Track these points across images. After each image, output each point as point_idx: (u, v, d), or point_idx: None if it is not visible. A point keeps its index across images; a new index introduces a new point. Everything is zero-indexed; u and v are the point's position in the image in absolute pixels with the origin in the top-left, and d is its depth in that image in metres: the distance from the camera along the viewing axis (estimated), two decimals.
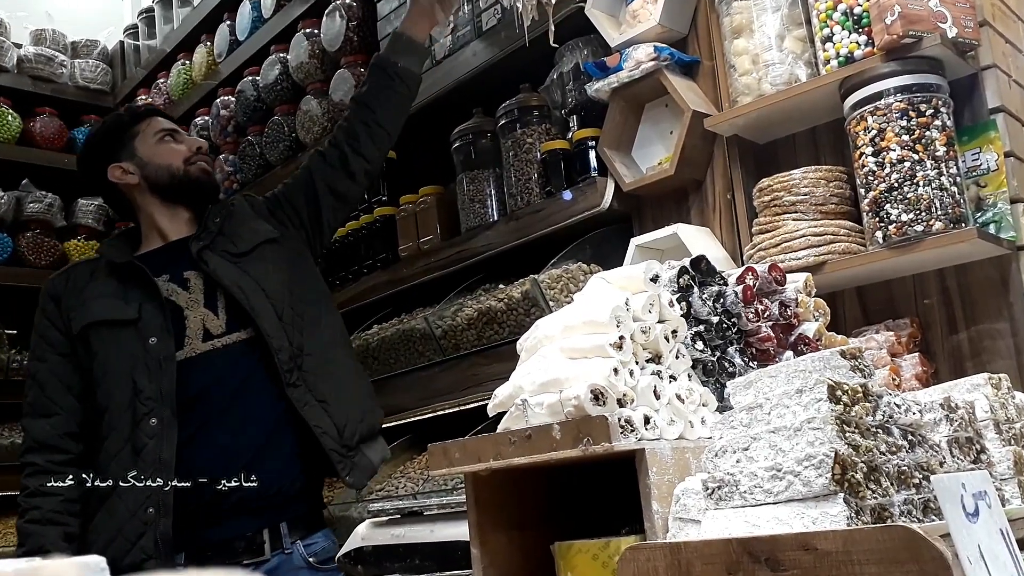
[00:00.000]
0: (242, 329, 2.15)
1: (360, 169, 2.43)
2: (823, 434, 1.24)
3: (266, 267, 2.22)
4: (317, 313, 2.27)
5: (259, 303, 2.16)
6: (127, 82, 5.10)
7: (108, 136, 2.30)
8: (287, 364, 2.13)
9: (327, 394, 2.17)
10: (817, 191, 2.16)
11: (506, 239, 2.83)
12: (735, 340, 1.77)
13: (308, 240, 2.39)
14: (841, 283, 2.24)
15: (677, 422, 1.57)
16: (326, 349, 2.24)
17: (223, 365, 2.11)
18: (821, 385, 1.29)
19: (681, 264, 1.80)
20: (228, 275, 2.17)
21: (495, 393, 1.76)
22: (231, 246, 2.23)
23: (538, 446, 1.54)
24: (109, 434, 2.06)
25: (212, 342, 2.13)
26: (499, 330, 2.77)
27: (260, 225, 2.31)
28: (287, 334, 2.16)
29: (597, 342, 1.60)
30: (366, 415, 2.27)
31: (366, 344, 3.24)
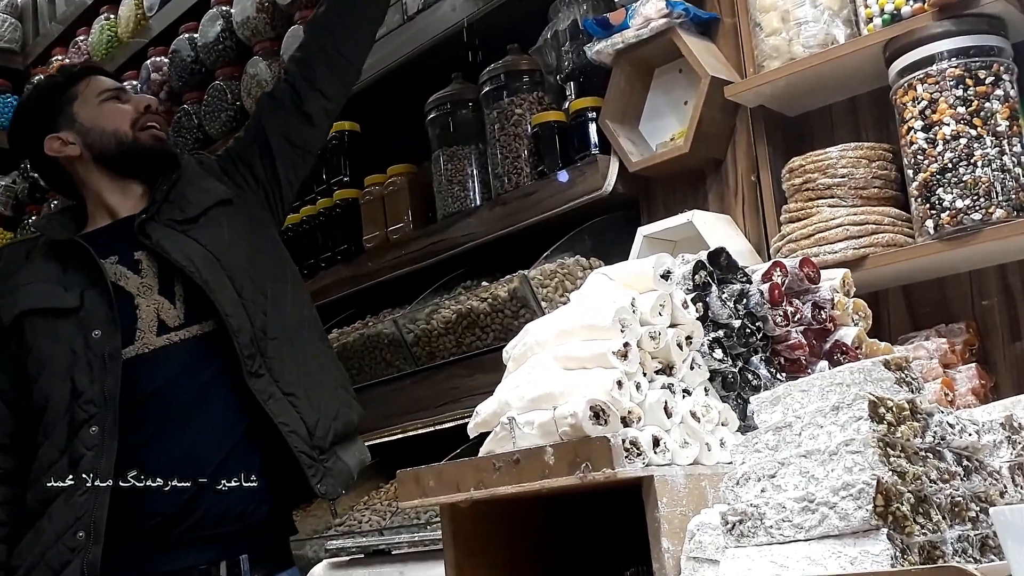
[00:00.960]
0: (204, 320, 2.09)
1: (318, 108, 2.35)
2: (863, 459, 1.24)
3: (220, 233, 2.16)
4: (282, 288, 2.21)
5: (213, 276, 2.08)
6: (40, 39, 5.07)
7: (41, 103, 2.25)
8: (248, 349, 2.05)
9: (295, 385, 2.10)
10: (857, 172, 2.16)
11: (490, 228, 2.83)
12: (760, 348, 1.77)
13: (268, 202, 2.33)
14: (885, 281, 2.25)
15: (691, 444, 1.57)
16: (293, 331, 2.16)
17: (180, 363, 2.06)
18: (861, 401, 1.29)
19: (697, 258, 1.80)
20: (174, 246, 2.11)
21: (477, 410, 1.76)
22: (177, 212, 2.17)
23: (528, 473, 1.53)
24: (44, 442, 2.01)
25: (168, 336, 2.07)
26: (482, 335, 2.77)
27: (211, 185, 2.25)
28: (247, 313, 2.08)
29: (598, 350, 1.60)
30: (342, 410, 2.20)
31: None
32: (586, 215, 2.70)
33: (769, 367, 1.74)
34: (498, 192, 2.84)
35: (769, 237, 2.34)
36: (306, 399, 2.11)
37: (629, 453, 1.47)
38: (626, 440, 1.49)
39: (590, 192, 2.61)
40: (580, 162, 2.66)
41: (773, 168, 2.37)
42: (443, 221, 2.98)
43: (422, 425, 3.01)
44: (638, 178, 2.60)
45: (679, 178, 2.58)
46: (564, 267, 2.63)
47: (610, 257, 2.58)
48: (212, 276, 2.09)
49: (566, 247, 2.70)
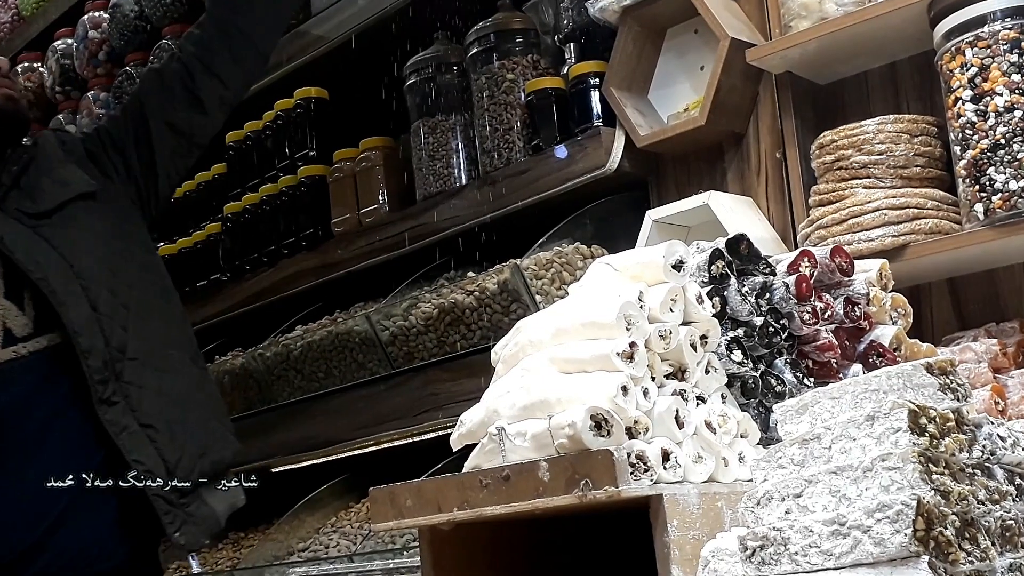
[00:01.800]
0: (55, 331, 2.01)
1: (212, 95, 2.24)
2: (902, 476, 1.24)
3: (77, 233, 2.07)
4: (149, 301, 2.13)
5: (63, 285, 2.01)
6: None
7: None
8: (100, 373, 1.97)
9: (155, 416, 2.02)
10: (897, 149, 2.17)
11: (478, 211, 2.82)
12: (785, 349, 1.76)
13: (139, 197, 2.23)
14: (928, 273, 2.25)
15: (706, 459, 1.57)
16: (159, 352, 2.08)
17: (27, 382, 1.99)
18: (900, 410, 1.29)
19: (714, 246, 1.80)
20: (20, 245, 2.00)
21: (461, 419, 1.76)
22: (28, 203, 2.07)
23: (519, 491, 1.53)
24: None
25: (15, 348, 2.00)
26: (467, 334, 2.77)
27: (72, 174, 2.14)
28: (103, 329, 2.00)
29: (600, 351, 1.60)
30: (212, 446, 2.13)
31: (286, 351, 3.23)
32: (587, 196, 2.70)
33: (795, 371, 1.74)
34: (487, 170, 2.83)
35: (796, 223, 2.35)
36: (168, 432, 2.04)
37: (635, 469, 1.47)
38: (632, 454, 1.48)
39: (592, 170, 2.61)
40: (581, 136, 2.66)
41: (801, 144, 2.37)
42: (423, 203, 2.97)
43: (398, 436, 3.01)
44: (647, 154, 2.60)
45: (694, 154, 2.58)
46: (562, 256, 2.63)
47: (614, 244, 2.58)
48: (62, 285, 2.00)
49: (564, 233, 2.69)
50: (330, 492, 3.29)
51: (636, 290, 1.65)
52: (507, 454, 1.61)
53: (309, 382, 3.22)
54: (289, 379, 3.27)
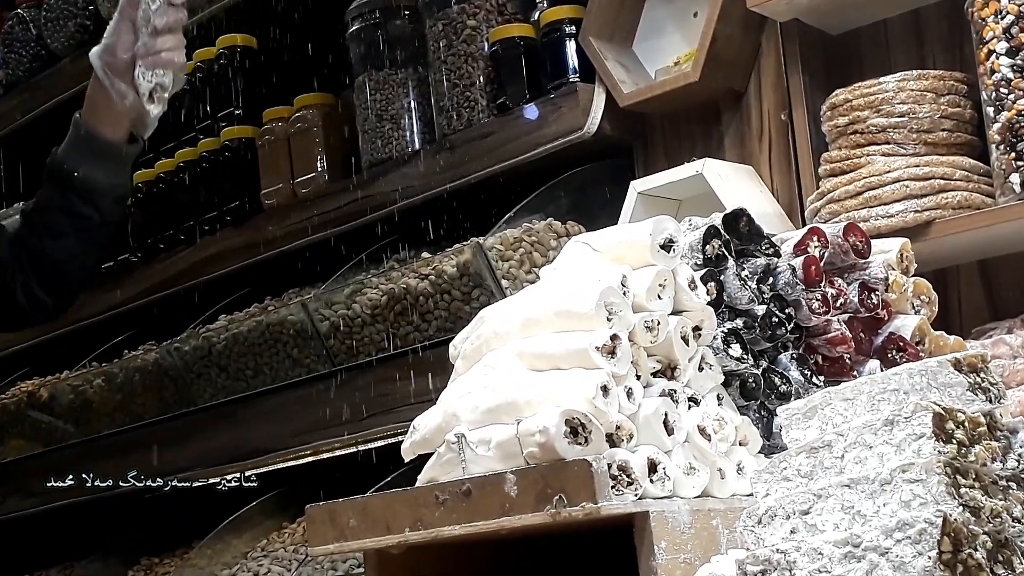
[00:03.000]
0: None
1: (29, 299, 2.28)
2: (925, 489, 1.25)
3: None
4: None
5: None
6: None
7: None
8: None
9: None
10: (921, 110, 2.17)
11: (433, 180, 2.82)
12: (791, 343, 1.77)
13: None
14: (956, 254, 2.26)
15: (699, 470, 1.57)
16: None
17: None
18: (923, 414, 1.30)
19: (709, 223, 1.80)
20: None
21: (414, 424, 1.75)
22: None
23: (482, 508, 1.53)
24: None
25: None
26: (422, 325, 2.76)
27: None
28: None
29: (576, 344, 1.60)
30: None
31: (207, 345, 3.21)
32: (562, 164, 2.70)
33: (802, 368, 1.75)
34: (444, 132, 2.82)
35: (804, 196, 2.35)
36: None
37: (617, 482, 1.47)
38: (613, 464, 1.48)
39: (567, 133, 2.60)
40: (554, 93, 2.65)
41: (810, 104, 2.38)
42: (369, 171, 2.96)
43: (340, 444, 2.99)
44: (631, 115, 2.59)
45: (685, 116, 2.58)
46: (532, 233, 2.63)
47: (594, 220, 2.57)
48: None
49: (535, 207, 2.68)
50: (260, 510, 3.28)
51: (619, 274, 1.64)
52: (468, 465, 1.60)
53: (235, 381, 3.20)
54: (211, 378, 3.25)
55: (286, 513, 3.27)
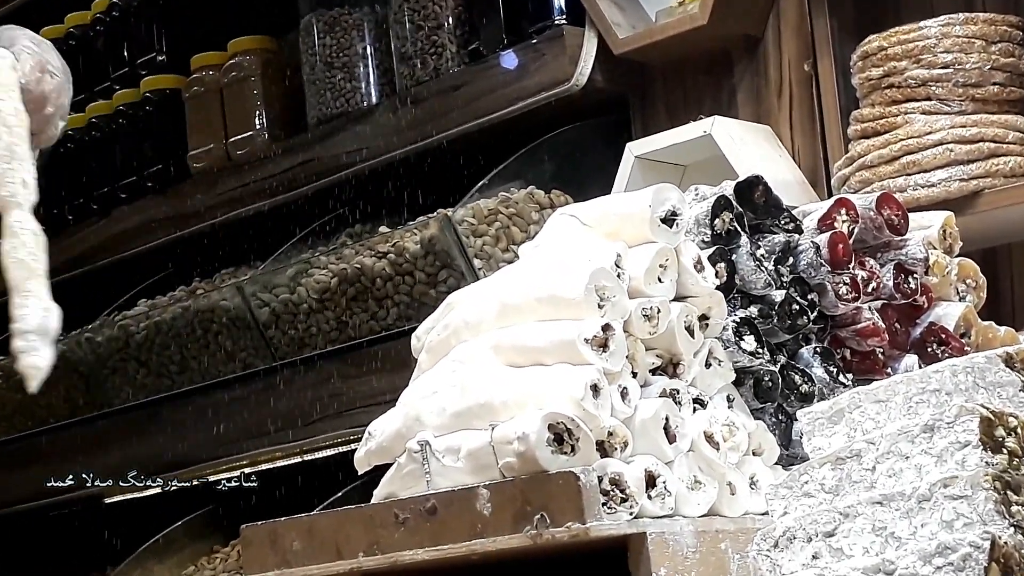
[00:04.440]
0: None
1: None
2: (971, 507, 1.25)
3: None
4: None
5: None
6: None
7: None
8: None
9: None
10: (968, 60, 2.18)
11: (394, 141, 2.81)
12: (814, 334, 1.77)
13: None
14: (1009, 230, 2.27)
15: (705, 485, 1.57)
16: None
17: None
18: (969, 418, 1.30)
19: (719, 193, 1.80)
20: None
21: (370, 430, 1.75)
22: None
23: (449, 529, 1.53)
24: None
25: None
26: (379, 312, 2.76)
27: None
28: None
29: (562, 336, 1.60)
30: None
31: (124, 335, 3.20)
32: (546, 122, 2.69)
33: (827, 364, 1.75)
34: (406, 84, 2.82)
35: (830, 161, 2.36)
36: None
37: (609, 498, 1.48)
38: (605, 477, 1.49)
39: (552, 86, 2.60)
40: (537, 38, 2.65)
41: (838, 53, 2.38)
42: (318, 129, 2.96)
43: (282, 453, 2.99)
44: (628, 65, 2.60)
45: (692, 66, 2.58)
46: (510, 204, 2.63)
47: (583, 189, 2.58)
48: None
49: (513, 173, 2.69)
50: (187, 530, 3.28)
51: (612, 252, 1.64)
52: (433, 478, 1.60)
53: (157, 378, 3.20)
54: (129, 374, 3.24)
55: (217, 534, 3.27)
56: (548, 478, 1.48)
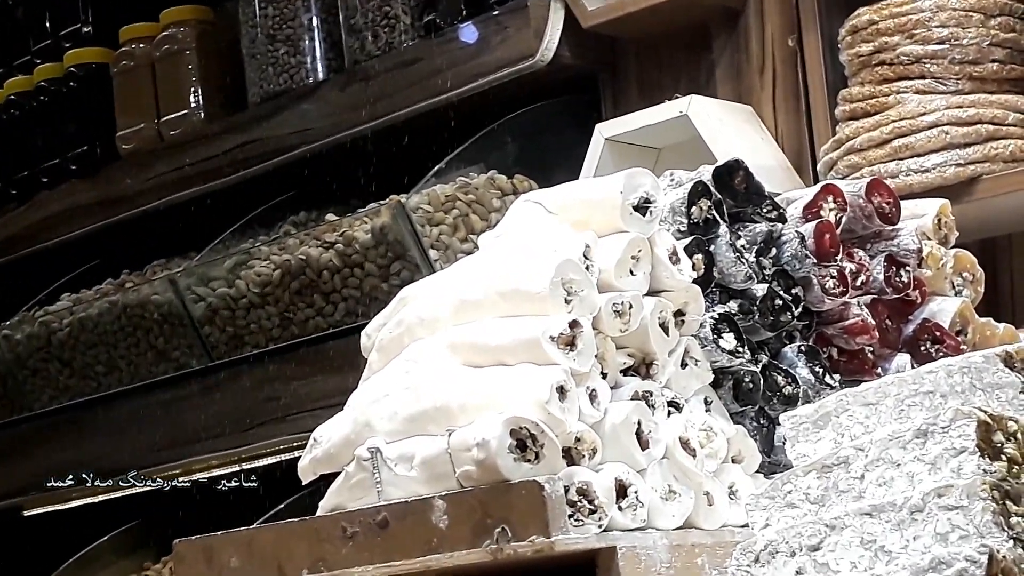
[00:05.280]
0: None
1: None
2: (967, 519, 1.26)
3: None
4: None
5: None
6: None
7: None
8: None
9: None
10: (965, 35, 2.18)
11: (343, 121, 2.83)
12: (799, 332, 1.79)
13: None
14: (1008, 220, 2.29)
15: (681, 495, 1.58)
16: None
17: None
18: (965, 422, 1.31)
19: (696, 178, 1.81)
20: None
21: (315, 436, 1.75)
22: None
23: (402, 543, 1.53)
24: None
25: None
26: (326, 308, 2.77)
27: None
28: None
29: (526, 333, 1.60)
30: None
31: (45, 332, 3.20)
32: (508, 101, 2.71)
33: (813, 364, 1.76)
34: (356, 59, 2.83)
35: (817, 144, 2.37)
36: None
37: (576, 509, 1.48)
38: (572, 487, 1.49)
39: (515, 61, 2.61)
40: (498, 9, 2.66)
41: (825, 26, 2.39)
42: (259, 108, 2.97)
43: (219, 462, 2.99)
44: (597, 39, 2.61)
45: (667, 41, 2.59)
46: (469, 190, 2.64)
47: (548, 174, 2.58)
48: None
49: (473, 156, 2.70)
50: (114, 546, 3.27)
51: (580, 243, 1.65)
52: (385, 488, 1.61)
53: (82, 380, 3.19)
54: (50, 375, 3.24)
55: (148, 550, 3.26)
56: (510, 488, 1.49)
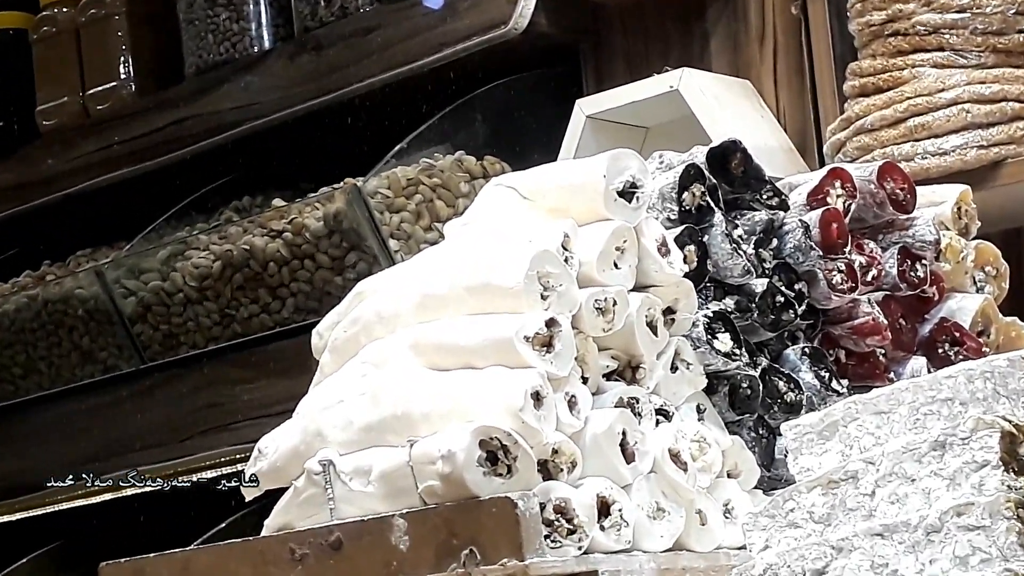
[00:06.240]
0: None
1: None
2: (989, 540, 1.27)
3: None
4: None
5: None
6: None
7: None
8: None
9: None
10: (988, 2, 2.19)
11: (291, 96, 2.84)
12: (802, 332, 1.79)
13: None
14: None
15: (670, 513, 1.58)
16: None
17: None
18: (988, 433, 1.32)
19: (688, 160, 1.81)
20: None
21: (260, 446, 1.75)
22: None
23: (358, 566, 1.53)
24: None
25: None
26: (272, 304, 2.77)
27: None
28: None
29: (497, 333, 1.60)
30: None
31: None
32: (478, 74, 2.71)
33: (818, 368, 1.77)
34: (306, 26, 2.83)
35: (822, 123, 2.37)
36: None
37: (553, 529, 1.48)
38: (548, 504, 1.49)
39: (486, 30, 2.61)
40: None
41: None
42: (197, 80, 2.97)
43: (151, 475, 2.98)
44: (578, 5, 2.61)
45: (655, 7, 2.59)
46: (434, 173, 2.64)
47: (522, 155, 2.59)
48: None
49: (438, 135, 2.70)
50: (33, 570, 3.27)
51: (558, 232, 1.65)
52: (338, 505, 1.61)
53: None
54: None
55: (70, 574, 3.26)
56: (479, 505, 1.49)
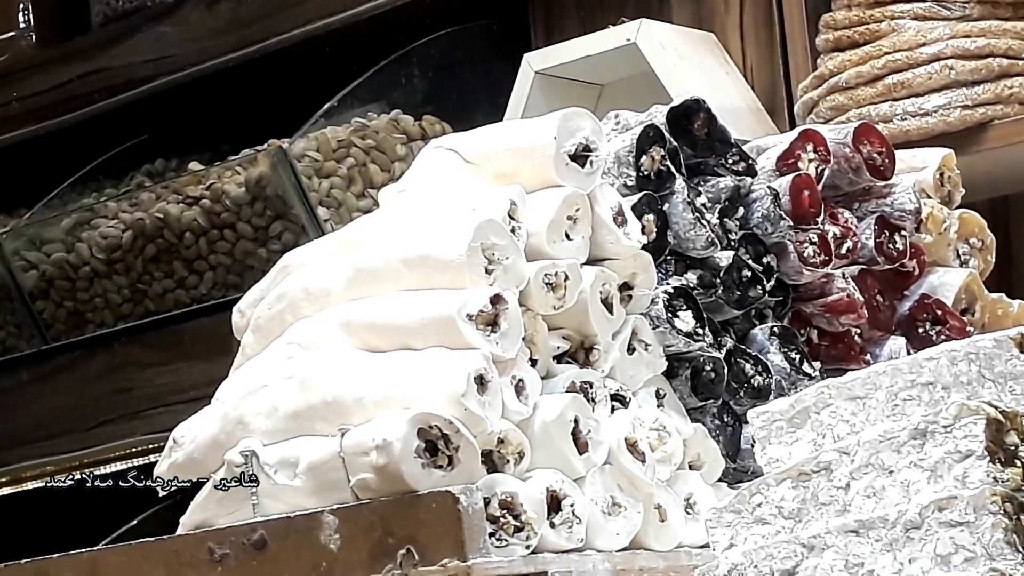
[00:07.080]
0: None
1: None
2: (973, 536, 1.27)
3: None
4: None
5: None
6: None
7: None
8: None
9: None
10: None
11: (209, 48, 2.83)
12: (771, 310, 1.79)
13: None
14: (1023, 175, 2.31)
15: (626, 508, 1.59)
16: None
17: None
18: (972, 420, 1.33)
19: (647, 121, 1.81)
20: None
21: (175, 435, 1.75)
22: None
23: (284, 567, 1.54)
24: None
25: None
26: (189, 278, 2.77)
27: None
28: None
29: (437, 310, 1.61)
30: None
31: None
32: (416, 25, 2.71)
33: (788, 349, 1.78)
34: None
35: (793, 80, 2.38)
36: None
37: (499, 526, 1.49)
38: (493, 499, 1.50)
39: None
40: None
41: None
42: (104, 30, 2.96)
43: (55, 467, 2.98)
44: None
45: None
46: (366, 134, 2.63)
47: (465, 115, 2.58)
48: None
49: (372, 92, 2.69)
50: None
51: (505, 200, 1.65)
52: (262, 500, 1.61)
53: None
54: None
55: None
56: (417, 500, 1.49)
